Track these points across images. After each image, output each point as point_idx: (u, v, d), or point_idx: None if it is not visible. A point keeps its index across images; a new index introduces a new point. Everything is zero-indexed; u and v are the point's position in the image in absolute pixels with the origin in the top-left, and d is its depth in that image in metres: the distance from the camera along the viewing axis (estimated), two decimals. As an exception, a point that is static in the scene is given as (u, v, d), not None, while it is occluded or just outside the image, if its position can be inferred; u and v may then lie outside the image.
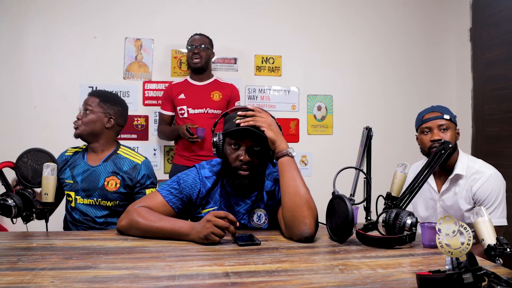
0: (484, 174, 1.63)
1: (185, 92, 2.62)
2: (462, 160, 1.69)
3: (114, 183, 1.68)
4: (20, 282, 0.83)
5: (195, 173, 1.40)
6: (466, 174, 1.66)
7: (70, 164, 1.74)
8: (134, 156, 1.74)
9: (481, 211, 1.08)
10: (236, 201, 1.39)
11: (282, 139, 1.29)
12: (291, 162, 1.27)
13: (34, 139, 1.90)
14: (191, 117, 2.56)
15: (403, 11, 3.31)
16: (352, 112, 3.19)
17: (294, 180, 1.24)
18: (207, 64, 2.66)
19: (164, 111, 2.69)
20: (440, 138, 1.65)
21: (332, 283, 0.86)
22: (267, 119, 1.31)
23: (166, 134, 2.68)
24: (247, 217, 1.40)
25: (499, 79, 2.88)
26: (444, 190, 1.71)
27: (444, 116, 1.68)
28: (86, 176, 1.68)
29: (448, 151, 1.25)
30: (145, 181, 1.71)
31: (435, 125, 1.68)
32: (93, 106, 1.72)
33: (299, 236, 1.21)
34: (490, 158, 2.84)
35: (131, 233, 1.28)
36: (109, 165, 1.71)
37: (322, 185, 1.74)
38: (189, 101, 2.59)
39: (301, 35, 3.14)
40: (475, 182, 1.63)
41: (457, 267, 0.76)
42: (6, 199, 1.33)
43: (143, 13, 2.94)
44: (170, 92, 2.66)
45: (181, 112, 2.60)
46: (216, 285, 0.84)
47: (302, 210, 1.20)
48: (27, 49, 2.82)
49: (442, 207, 1.73)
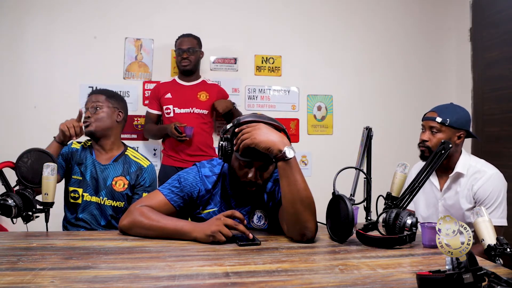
0: (485, 173, 1.63)
1: (172, 92, 2.64)
2: (464, 159, 1.69)
3: (122, 184, 1.70)
4: (20, 282, 0.83)
5: (195, 172, 1.40)
6: (467, 173, 1.66)
7: (77, 160, 1.73)
8: (141, 160, 1.78)
9: (481, 211, 1.08)
10: (237, 203, 1.39)
11: (274, 141, 1.17)
12: (286, 166, 1.17)
13: (34, 139, 1.89)
14: (177, 117, 2.57)
15: (403, 11, 3.31)
16: (352, 112, 3.19)
17: (294, 185, 1.17)
18: (196, 66, 2.68)
19: (151, 110, 2.70)
20: (426, 139, 1.68)
21: (332, 283, 0.86)
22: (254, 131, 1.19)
23: (152, 132, 2.70)
24: (247, 218, 1.39)
25: (499, 79, 2.88)
26: (446, 189, 1.71)
27: (436, 119, 1.67)
28: (95, 173, 1.69)
29: (448, 151, 1.25)
30: (145, 184, 1.73)
31: (427, 125, 1.70)
32: (102, 102, 1.74)
33: (300, 238, 1.21)
34: (490, 158, 2.82)
35: (133, 233, 1.27)
36: (118, 165, 1.73)
37: (322, 185, 1.74)
38: (175, 101, 2.61)
39: (301, 35, 3.14)
40: (476, 181, 1.63)
41: (457, 267, 0.76)
42: (6, 199, 1.33)
43: (143, 13, 2.94)
44: (157, 91, 2.68)
45: (167, 111, 2.61)
46: (216, 285, 0.84)
47: (303, 216, 1.18)
48: (27, 49, 2.82)
49: (443, 206, 1.73)
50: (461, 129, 1.67)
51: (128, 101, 2.26)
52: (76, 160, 1.73)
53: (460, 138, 1.69)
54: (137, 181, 1.73)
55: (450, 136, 1.67)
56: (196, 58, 2.66)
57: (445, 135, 1.66)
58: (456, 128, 1.67)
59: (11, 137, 2.74)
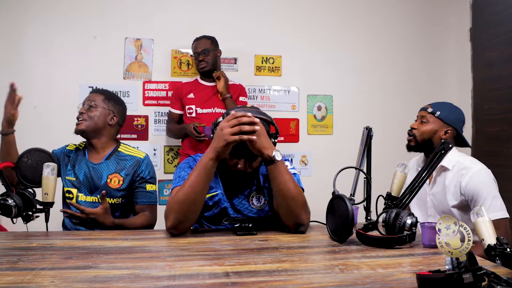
0: (471, 169, 1.60)
1: (194, 92, 2.64)
2: (451, 155, 1.66)
3: (117, 181, 1.69)
4: (20, 282, 0.84)
5: (192, 160, 1.46)
6: (453, 168, 1.65)
7: (72, 161, 1.73)
8: (135, 152, 1.77)
9: (481, 211, 1.08)
10: (235, 186, 1.43)
11: (266, 147, 1.26)
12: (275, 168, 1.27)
13: (34, 139, 1.89)
14: (199, 117, 2.58)
15: (403, 11, 3.31)
16: (352, 112, 3.19)
17: (285, 184, 1.27)
18: (215, 65, 2.66)
19: (173, 110, 2.70)
20: (415, 127, 1.75)
21: (332, 283, 0.86)
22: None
23: (173, 132, 2.70)
24: (246, 201, 1.43)
25: (499, 79, 2.88)
26: (432, 182, 1.73)
27: (427, 109, 1.73)
28: (89, 173, 1.69)
29: (447, 151, 1.25)
30: (146, 176, 1.72)
31: (419, 115, 1.77)
32: (98, 102, 1.73)
33: (295, 228, 1.32)
34: (490, 158, 2.84)
35: (184, 216, 1.25)
36: (111, 162, 1.71)
37: (322, 185, 1.74)
38: (197, 101, 2.61)
39: (301, 35, 3.14)
40: (463, 177, 1.60)
41: (457, 267, 0.76)
42: (6, 199, 1.33)
43: (143, 13, 2.94)
44: (180, 90, 2.67)
45: (189, 111, 2.61)
46: (216, 285, 0.84)
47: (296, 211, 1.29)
48: (27, 49, 2.82)
49: (432, 201, 1.73)
50: (450, 125, 1.70)
51: (128, 101, 2.26)
52: (71, 161, 1.72)
53: (447, 133, 1.70)
54: (136, 175, 1.70)
55: (437, 129, 1.70)
56: (213, 57, 2.63)
57: (432, 126, 1.71)
58: (445, 122, 1.70)
59: (11, 137, 2.73)
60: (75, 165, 1.71)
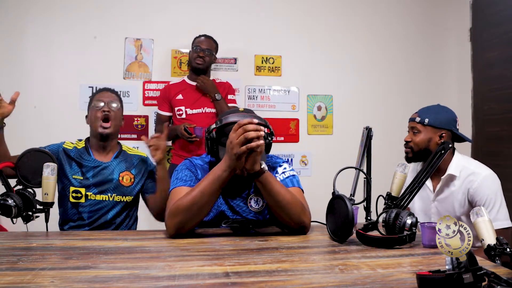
0: (479, 175, 1.59)
1: (183, 93, 2.62)
2: (457, 161, 1.65)
3: (128, 178, 1.72)
4: (20, 282, 0.83)
5: (189, 162, 1.46)
6: (460, 175, 1.62)
7: (76, 160, 1.68)
8: (137, 152, 1.83)
9: (481, 211, 1.08)
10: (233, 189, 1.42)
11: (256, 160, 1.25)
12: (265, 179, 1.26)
13: (34, 139, 1.89)
14: (189, 117, 2.56)
15: (403, 11, 3.31)
16: (352, 112, 3.19)
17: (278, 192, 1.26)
18: (208, 68, 2.66)
19: (162, 112, 2.67)
20: (408, 140, 1.71)
21: (332, 283, 0.86)
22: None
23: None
24: (244, 203, 1.42)
25: (499, 79, 2.88)
26: (439, 190, 1.68)
27: (415, 119, 1.69)
28: (98, 172, 1.68)
29: (447, 151, 1.25)
30: (154, 169, 1.77)
31: (410, 127, 1.74)
32: (117, 102, 1.75)
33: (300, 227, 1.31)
34: (490, 158, 2.84)
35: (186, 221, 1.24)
36: (121, 161, 1.74)
37: (322, 185, 1.74)
38: (186, 102, 2.59)
39: (301, 35, 3.14)
40: (472, 184, 1.59)
41: (457, 267, 0.76)
42: (6, 199, 1.33)
43: (143, 13, 2.94)
44: (168, 92, 2.65)
45: (179, 112, 2.59)
46: (216, 285, 0.84)
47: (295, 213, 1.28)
48: (27, 49, 2.82)
49: (436, 207, 1.70)
50: (443, 128, 1.67)
51: (128, 101, 2.26)
52: (75, 160, 1.69)
53: (442, 137, 1.67)
54: (146, 171, 1.77)
55: (431, 136, 1.67)
56: (210, 60, 2.63)
57: (425, 135, 1.67)
58: (437, 127, 1.66)
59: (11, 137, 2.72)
60: (82, 164, 1.68)
